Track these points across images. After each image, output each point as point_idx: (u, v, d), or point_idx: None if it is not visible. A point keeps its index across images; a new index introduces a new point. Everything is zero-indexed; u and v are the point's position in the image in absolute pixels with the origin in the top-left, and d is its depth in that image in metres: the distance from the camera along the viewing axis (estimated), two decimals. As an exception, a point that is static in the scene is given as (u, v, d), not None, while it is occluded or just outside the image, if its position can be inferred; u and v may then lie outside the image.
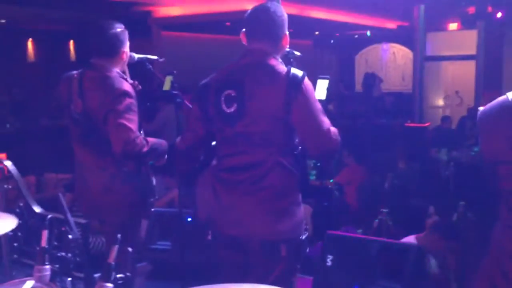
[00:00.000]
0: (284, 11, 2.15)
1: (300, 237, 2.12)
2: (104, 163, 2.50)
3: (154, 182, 2.67)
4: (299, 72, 2.05)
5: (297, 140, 2.13)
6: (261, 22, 2.11)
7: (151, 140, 2.48)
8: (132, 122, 2.40)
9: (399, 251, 3.15)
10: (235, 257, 2.17)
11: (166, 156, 2.63)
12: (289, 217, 2.09)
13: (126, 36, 2.57)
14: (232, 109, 2.06)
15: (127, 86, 2.47)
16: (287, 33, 2.15)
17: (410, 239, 3.63)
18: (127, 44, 2.58)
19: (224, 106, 2.07)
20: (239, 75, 2.07)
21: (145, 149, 2.41)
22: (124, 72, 2.61)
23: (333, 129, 2.09)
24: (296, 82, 2.01)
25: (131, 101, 2.43)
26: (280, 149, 2.07)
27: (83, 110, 2.47)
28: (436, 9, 9.02)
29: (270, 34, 2.11)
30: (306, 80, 2.06)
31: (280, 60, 2.13)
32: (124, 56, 2.55)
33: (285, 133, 2.06)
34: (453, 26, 12.02)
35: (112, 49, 2.51)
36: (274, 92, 2.01)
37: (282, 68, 2.07)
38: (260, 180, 2.06)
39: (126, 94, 2.42)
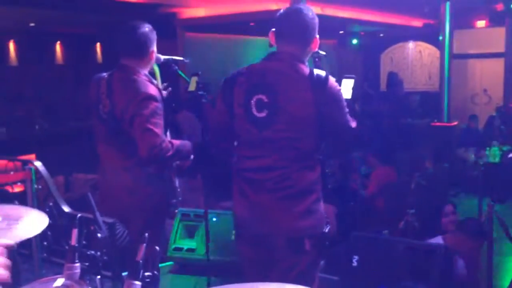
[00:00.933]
0: (315, 14, 2.16)
1: (323, 231, 2.14)
2: (128, 164, 2.51)
3: (177, 183, 2.69)
4: (322, 73, 2.06)
5: (322, 144, 2.15)
6: (294, 25, 2.12)
7: (175, 142, 2.50)
8: (158, 126, 2.41)
9: (425, 252, 3.12)
10: (259, 254, 2.19)
11: (191, 157, 2.65)
12: (312, 214, 2.11)
13: (154, 36, 2.58)
14: (263, 114, 2.06)
15: (152, 90, 2.47)
16: (317, 36, 2.15)
17: (438, 239, 3.59)
18: (155, 44, 2.60)
19: (254, 110, 2.08)
20: (271, 81, 2.07)
21: (170, 152, 2.43)
22: (153, 74, 2.63)
23: (355, 124, 2.17)
24: (321, 83, 2.03)
25: (156, 105, 2.44)
26: (306, 153, 2.09)
27: (110, 110, 2.49)
28: (463, 6, 8.86)
29: (301, 38, 2.12)
30: (331, 79, 2.08)
31: (306, 62, 2.14)
32: (153, 56, 2.57)
33: (312, 139, 2.08)
34: (481, 23, 11.81)
35: (141, 49, 2.52)
36: (302, 98, 2.03)
37: (306, 70, 2.08)
38: (284, 180, 2.08)
39: (151, 98, 2.43)
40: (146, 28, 2.55)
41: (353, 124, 2.16)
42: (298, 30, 2.11)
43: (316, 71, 2.07)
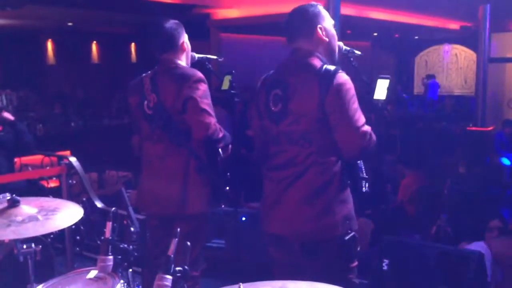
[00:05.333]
0: (319, 7, 2.16)
1: (344, 238, 2.07)
2: (180, 155, 2.53)
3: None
4: (331, 67, 2.03)
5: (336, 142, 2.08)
6: (290, 23, 2.16)
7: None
8: (210, 107, 2.49)
9: (459, 258, 3.05)
10: (281, 255, 2.18)
11: (230, 148, 2.66)
12: (329, 216, 2.05)
13: (181, 28, 2.64)
14: (277, 108, 2.09)
15: (200, 73, 2.54)
16: (321, 25, 2.12)
17: (480, 245, 3.50)
18: (185, 36, 2.65)
19: (271, 105, 2.11)
20: (284, 75, 2.11)
21: (221, 134, 2.51)
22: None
23: (366, 127, 2.03)
24: (327, 77, 1.99)
25: (206, 87, 2.51)
26: (320, 148, 2.05)
27: (157, 103, 2.53)
28: (502, 8, 8.64)
29: (300, 32, 2.13)
30: (340, 76, 2.01)
31: (321, 57, 2.10)
32: (185, 46, 2.62)
33: (322, 134, 2.03)
34: (519, 26, 11.50)
35: (171, 41, 2.58)
36: (309, 90, 2.02)
37: (317, 63, 2.06)
38: (298, 178, 2.06)
39: (201, 80, 2.50)
40: (172, 23, 2.63)
41: (362, 124, 2.01)
42: (294, 25, 2.15)
43: (326, 66, 2.04)
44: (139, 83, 2.63)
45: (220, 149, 2.60)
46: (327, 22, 2.16)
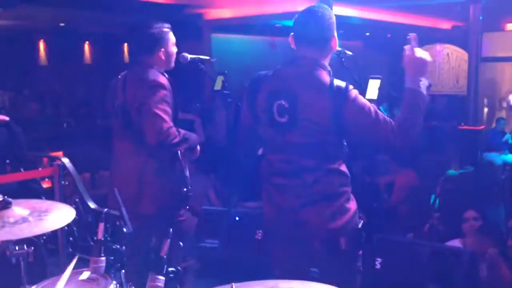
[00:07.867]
0: (332, 14, 2.14)
1: (357, 227, 2.16)
2: (140, 155, 2.58)
3: (187, 173, 2.68)
4: (342, 83, 2.05)
5: (345, 146, 2.14)
6: (309, 28, 2.11)
7: (182, 131, 2.57)
8: (165, 113, 2.48)
9: (451, 256, 3.07)
10: (292, 255, 2.18)
11: (198, 149, 2.67)
12: (343, 214, 2.11)
13: (165, 35, 2.63)
14: (284, 120, 2.08)
15: (162, 79, 2.55)
16: (336, 35, 2.13)
17: (455, 242, 3.54)
18: (168, 44, 2.63)
19: (276, 116, 2.09)
20: (291, 86, 2.08)
21: (177, 139, 2.50)
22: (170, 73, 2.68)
23: (393, 124, 2.04)
24: (341, 94, 2.02)
25: (165, 93, 2.51)
26: (330, 157, 2.09)
27: (122, 103, 2.60)
28: (493, 8, 8.70)
29: (318, 40, 2.11)
30: (352, 92, 2.05)
31: (327, 67, 2.11)
32: (162, 55, 2.61)
33: (334, 143, 2.08)
34: (511, 26, 11.58)
35: (148, 46, 2.60)
36: (320, 106, 2.03)
37: (327, 79, 2.06)
38: (312, 185, 2.08)
39: (160, 85, 2.51)
40: (157, 28, 2.61)
41: (390, 123, 2.03)
42: (314, 33, 2.11)
43: (336, 82, 2.05)
44: (115, 82, 2.68)
45: (179, 153, 2.61)
46: (336, 29, 2.16)
